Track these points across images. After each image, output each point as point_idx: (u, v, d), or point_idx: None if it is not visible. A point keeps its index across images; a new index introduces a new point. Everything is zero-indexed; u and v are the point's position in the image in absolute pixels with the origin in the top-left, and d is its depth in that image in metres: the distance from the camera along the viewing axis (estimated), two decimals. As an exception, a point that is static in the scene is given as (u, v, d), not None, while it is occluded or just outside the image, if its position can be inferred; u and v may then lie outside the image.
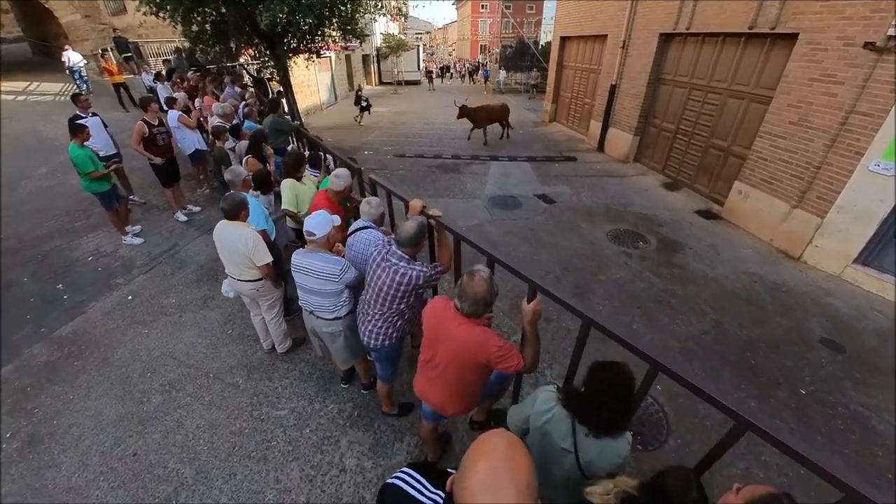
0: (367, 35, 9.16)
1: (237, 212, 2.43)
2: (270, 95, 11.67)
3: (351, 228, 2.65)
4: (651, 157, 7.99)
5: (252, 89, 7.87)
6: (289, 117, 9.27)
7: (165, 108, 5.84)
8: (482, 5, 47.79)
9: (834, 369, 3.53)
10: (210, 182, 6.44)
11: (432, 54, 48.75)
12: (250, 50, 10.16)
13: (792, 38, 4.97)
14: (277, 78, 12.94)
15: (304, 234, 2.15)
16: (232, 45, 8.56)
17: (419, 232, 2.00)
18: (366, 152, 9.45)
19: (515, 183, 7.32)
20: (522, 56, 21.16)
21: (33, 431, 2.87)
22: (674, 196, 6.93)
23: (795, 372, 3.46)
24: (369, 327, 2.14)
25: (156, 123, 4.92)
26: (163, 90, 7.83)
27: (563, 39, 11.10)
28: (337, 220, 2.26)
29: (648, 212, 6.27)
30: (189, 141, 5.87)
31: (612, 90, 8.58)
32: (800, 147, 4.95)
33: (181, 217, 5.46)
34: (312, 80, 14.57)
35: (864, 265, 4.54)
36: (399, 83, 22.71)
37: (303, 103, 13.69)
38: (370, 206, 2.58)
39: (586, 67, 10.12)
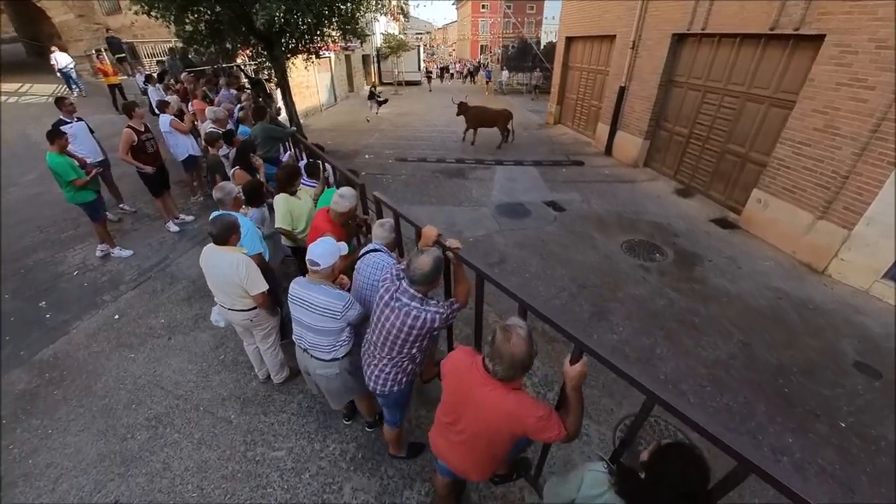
0: (368, 35, 8.86)
1: (227, 236, 2.16)
2: (269, 97, 11.43)
3: (362, 251, 2.39)
4: (662, 161, 7.74)
5: (248, 92, 7.56)
6: (288, 123, 9.01)
7: (157, 111, 5.57)
8: (482, 5, 47.48)
9: (872, 398, 3.28)
10: (204, 189, 6.17)
11: (432, 55, 48.39)
12: (248, 50, 9.90)
13: (818, 39, 4.71)
14: (275, 79, 12.74)
15: (307, 262, 1.88)
16: (228, 45, 8.27)
17: (435, 269, 1.72)
18: (366, 156, 9.19)
19: (523, 189, 7.07)
20: (524, 56, 20.89)
21: (6, 472, 2.61)
22: (687, 203, 6.68)
23: (832, 401, 3.21)
24: (375, 371, 1.88)
25: (143, 130, 4.65)
26: (154, 93, 7.55)
27: (569, 40, 10.83)
28: (344, 247, 1.99)
29: (662, 220, 6.02)
30: (182, 146, 5.60)
31: (621, 92, 8.32)
32: (826, 155, 4.69)
33: (173, 227, 5.19)
34: (311, 81, 14.29)
35: (894, 280, 4.29)
36: (399, 84, 22.43)
37: (302, 105, 13.43)
38: (384, 229, 2.32)
39: (593, 69, 9.86)
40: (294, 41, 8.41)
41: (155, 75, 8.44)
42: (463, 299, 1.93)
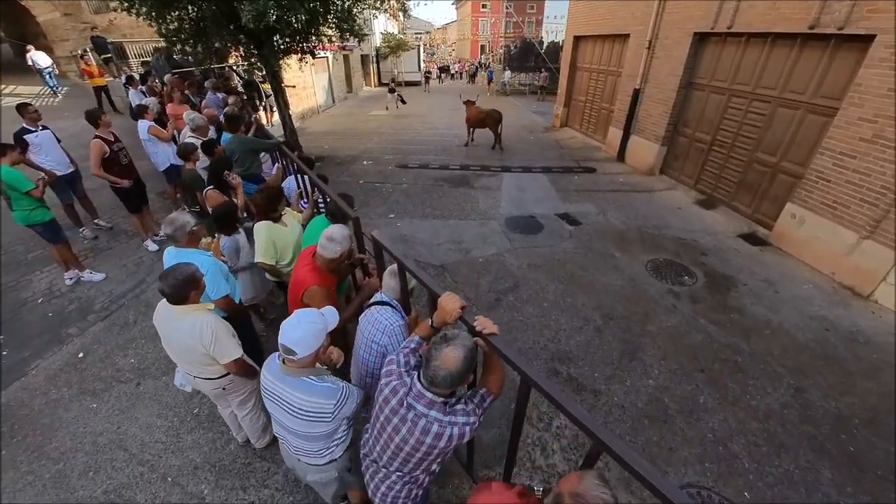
0: (366, 34, 8.35)
1: (185, 293, 1.68)
2: (262, 99, 10.90)
3: (370, 302, 1.90)
4: (681, 169, 7.27)
5: (236, 96, 7.04)
6: (282, 128, 8.52)
7: (136, 117, 5.10)
8: (483, 4, 46.97)
9: (949, 453, 2.83)
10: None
11: (432, 55, 47.70)
12: (237, 50, 9.39)
13: (865, 40, 4.25)
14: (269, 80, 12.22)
15: (280, 347, 1.39)
16: (216, 44, 7.74)
17: (466, 367, 1.22)
18: (365, 162, 8.71)
19: (534, 200, 6.60)
20: (527, 56, 20.36)
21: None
22: (711, 216, 6.22)
23: (906, 461, 2.76)
24: (381, 488, 1.41)
25: (113, 139, 4.18)
26: (135, 96, 7.04)
27: (577, 39, 10.35)
28: (333, 317, 1.47)
29: (687, 236, 5.56)
30: (162, 155, 5.13)
31: (636, 95, 7.85)
32: (874, 168, 4.23)
33: (151, 246, 4.73)
34: (308, 82, 13.79)
35: (955, 309, 3.84)
36: (399, 84, 21.91)
37: (298, 107, 12.95)
38: (394, 278, 1.84)
39: (604, 69, 9.38)
40: (286, 40, 7.93)
41: (137, 76, 7.94)
42: (496, 390, 1.42)
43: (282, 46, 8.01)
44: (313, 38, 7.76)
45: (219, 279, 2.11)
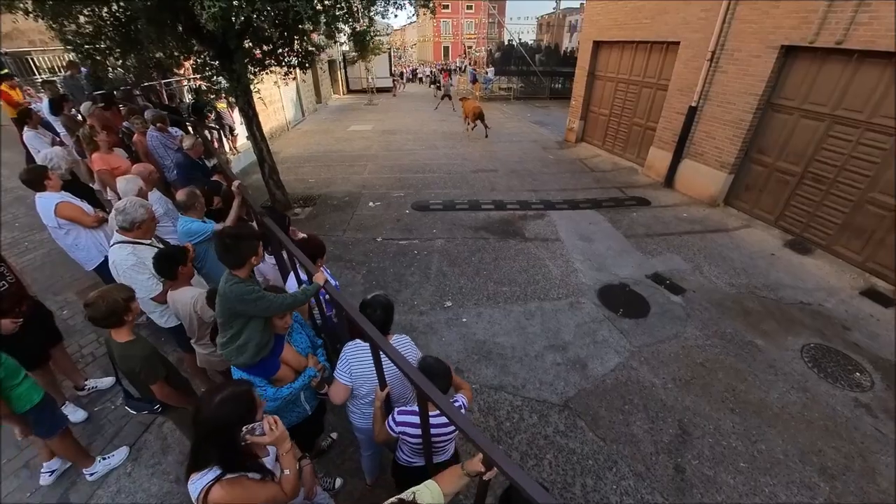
0: (380, 33, 6.56)
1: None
2: (220, 130, 8.78)
3: None
4: (754, 202, 6.28)
5: (199, 136, 5.08)
6: (258, 163, 6.50)
7: (32, 181, 3.10)
8: (444, 5, 45.50)
9: None
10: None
11: (400, 58, 45.40)
12: (189, 61, 7.20)
13: None
14: (230, 102, 9.89)
15: None
16: (157, 54, 5.56)
17: None
18: (371, 203, 6.96)
19: (609, 253, 5.26)
20: (508, 59, 19.22)
21: None
22: (814, 265, 5.21)
23: None
24: None
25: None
26: (34, 140, 4.80)
27: (597, 45, 9.19)
28: None
29: (807, 298, 4.52)
30: (87, 248, 3.20)
31: (691, 113, 6.77)
32: None
33: (75, 414, 2.82)
34: (275, 95, 11.60)
35: None
36: (372, 91, 19.93)
37: (266, 125, 10.72)
38: None
39: (637, 80, 8.26)
40: (263, 48, 5.98)
41: (40, 102, 5.61)
42: None
43: (257, 58, 6.08)
44: (303, 42, 5.90)
45: None
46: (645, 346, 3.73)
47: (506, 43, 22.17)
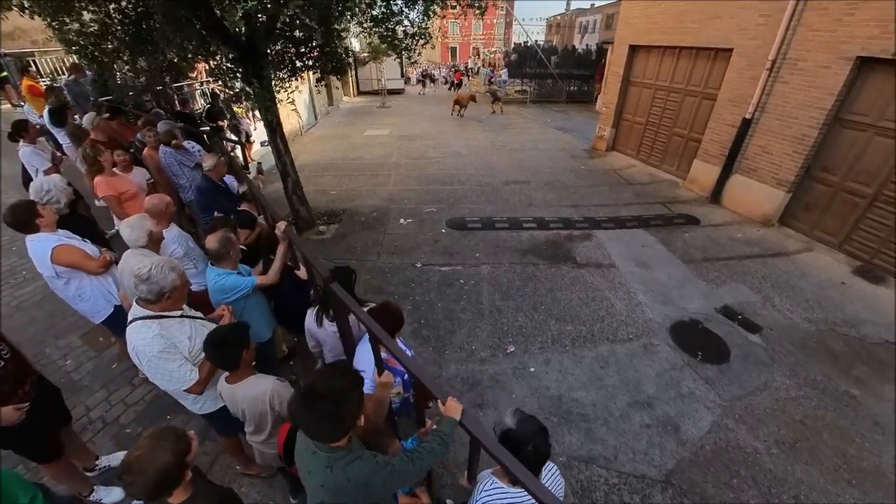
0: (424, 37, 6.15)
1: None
2: (239, 133, 8.41)
3: None
4: (815, 223, 5.88)
5: (222, 152, 4.67)
6: (281, 182, 6.10)
7: (17, 222, 2.67)
8: (451, 6, 44.76)
9: None
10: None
11: (410, 58, 44.62)
12: (204, 64, 6.75)
13: None
14: (246, 110, 9.47)
15: None
16: (171, 55, 5.03)
17: None
18: (402, 220, 6.58)
19: (671, 283, 4.88)
20: (523, 61, 18.75)
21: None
22: (889, 294, 4.83)
23: None
24: None
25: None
26: (32, 157, 4.39)
27: (634, 49, 8.75)
28: None
29: (893, 337, 4.13)
30: (93, 299, 2.80)
31: (745, 126, 6.36)
32: None
33: (110, 495, 2.46)
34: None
35: None
36: (384, 93, 19.47)
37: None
38: None
39: (681, 88, 7.83)
40: (304, 49, 5.52)
41: (42, 115, 5.18)
42: None
43: (287, 62, 5.65)
44: (338, 45, 5.46)
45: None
46: (736, 399, 3.36)
47: (514, 44, 21.74)
